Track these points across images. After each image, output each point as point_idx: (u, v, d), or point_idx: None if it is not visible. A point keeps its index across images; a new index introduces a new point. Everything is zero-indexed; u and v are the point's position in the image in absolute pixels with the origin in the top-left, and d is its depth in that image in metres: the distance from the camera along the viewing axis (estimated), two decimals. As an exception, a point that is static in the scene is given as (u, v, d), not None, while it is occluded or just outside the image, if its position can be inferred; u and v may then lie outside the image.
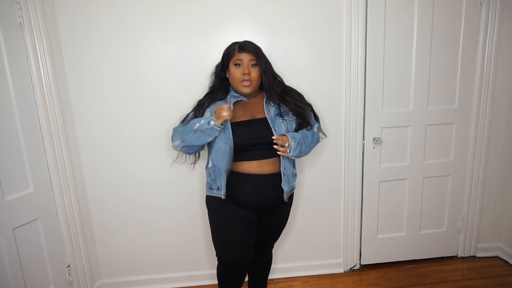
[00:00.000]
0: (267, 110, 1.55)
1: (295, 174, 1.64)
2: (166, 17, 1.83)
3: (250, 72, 1.50)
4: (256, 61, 1.51)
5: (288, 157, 1.52)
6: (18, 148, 1.63)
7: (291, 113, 1.58)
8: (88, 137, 1.94)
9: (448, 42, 2.02)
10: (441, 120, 2.12)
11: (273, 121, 1.52)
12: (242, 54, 1.50)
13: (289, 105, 1.57)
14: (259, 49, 1.54)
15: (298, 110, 1.58)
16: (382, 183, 2.17)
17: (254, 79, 1.51)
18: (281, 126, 1.53)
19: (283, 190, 1.57)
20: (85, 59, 1.84)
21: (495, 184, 2.25)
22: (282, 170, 1.55)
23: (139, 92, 1.90)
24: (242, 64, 1.50)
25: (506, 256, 2.29)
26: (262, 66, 1.51)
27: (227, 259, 1.61)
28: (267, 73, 1.53)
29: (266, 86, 1.54)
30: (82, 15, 1.79)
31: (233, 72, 1.52)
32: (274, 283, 2.17)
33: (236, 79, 1.51)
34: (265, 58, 1.54)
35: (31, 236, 1.71)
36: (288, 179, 1.57)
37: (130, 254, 2.12)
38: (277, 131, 1.51)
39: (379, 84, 2.02)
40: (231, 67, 1.53)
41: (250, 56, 1.50)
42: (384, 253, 2.29)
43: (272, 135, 1.49)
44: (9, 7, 1.58)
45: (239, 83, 1.51)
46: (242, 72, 1.49)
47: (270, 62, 1.58)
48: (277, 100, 1.56)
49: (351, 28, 1.93)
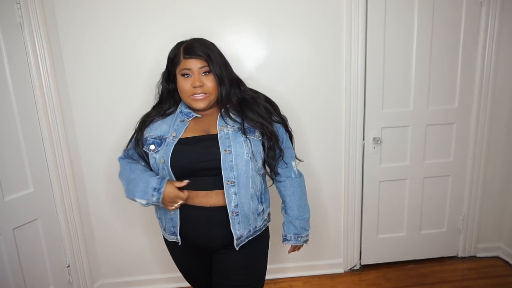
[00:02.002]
0: (220, 125, 1.19)
1: (262, 211, 1.26)
2: (165, 15, 1.83)
3: (203, 84, 1.16)
4: (209, 67, 1.17)
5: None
6: (18, 148, 1.63)
7: (258, 131, 1.21)
8: (88, 137, 1.93)
9: (448, 42, 2.02)
10: (441, 120, 2.12)
11: (230, 138, 1.16)
12: (189, 60, 1.17)
13: (248, 122, 1.20)
14: (211, 49, 1.20)
15: (262, 130, 1.20)
16: (382, 183, 2.17)
17: (210, 89, 1.18)
18: (242, 147, 1.15)
19: (231, 234, 1.18)
20: (85, 58, 1.84)
21: (495, 184, 2.24)
22: (232, 208, 1.15)
23: (139, 92, 1.90)
24: (191, 73, 1.17)
25: (507, 256, 2.29)
26: (217, 73, 1.17)
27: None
28: (223, 80, 1.19)
29: (223, 97, 1.20)
30: (82, 15, 1.79)
31: (181, 84, 1.18)
32: (274, 283, 2.17)
33: (185, 93, 1.18)
34: (220, 59, 1.20)
35: (31, 236, 1.71)
36: (245, 218, 1.18)
37: (130, 254, 2.12)
38: (232, 153, 1.14)
39: (379, 84, 2.02)
40: (179, 77, 1.20)
41: (200, 62, 1.16)
42: (384, 253, 2.29)
43: (219, 158, 1.13)
44: (9, 7, 1.57)
45: (189, 98, 1.18)
46: (192, 85, 1.16)
47: (229, 61, 1.26)
48: (237, 111, 1.22)
49: (351, 28, 1.92)
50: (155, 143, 1.20)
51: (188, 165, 1.15)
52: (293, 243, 1.37)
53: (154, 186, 1.14)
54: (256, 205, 1.22)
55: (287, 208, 1.36)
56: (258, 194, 1.24)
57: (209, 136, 1.19)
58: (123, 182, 1.29)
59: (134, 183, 1.19)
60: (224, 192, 1.15)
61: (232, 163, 1.14)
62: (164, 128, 1.23)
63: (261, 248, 1.31)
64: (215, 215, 1.18)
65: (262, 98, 1.30)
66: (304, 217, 1.36)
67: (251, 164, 1.17)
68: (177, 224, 1.22)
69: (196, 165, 1.15)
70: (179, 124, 1.22)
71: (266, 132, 1.21)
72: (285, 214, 1.37)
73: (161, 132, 1.22)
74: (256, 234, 1.26)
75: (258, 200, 1.24)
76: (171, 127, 1.22)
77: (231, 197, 1.15)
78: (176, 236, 1.24)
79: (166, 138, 1.20)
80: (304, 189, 1.38)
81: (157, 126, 1.25)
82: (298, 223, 1.34)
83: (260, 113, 1.23)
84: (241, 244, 1.21)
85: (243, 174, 1.15)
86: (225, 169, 1.14)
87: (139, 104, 1.92)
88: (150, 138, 1.23)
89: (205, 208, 1.18)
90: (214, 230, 1.20)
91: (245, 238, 1.22)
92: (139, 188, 1.16)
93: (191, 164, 1.15)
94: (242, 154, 1.14)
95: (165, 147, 1.17)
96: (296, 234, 1.35)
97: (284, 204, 1.37)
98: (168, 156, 1.15)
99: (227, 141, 1.16)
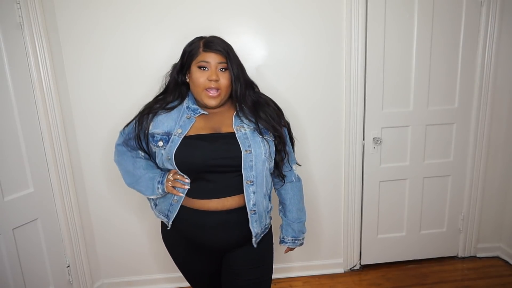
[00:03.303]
0: (236, 124, 1.20)
1: (270, 208, 1.30)
2: (166, 14, 1.83)
3: (219, 78, 1.16)
4: (227, 64, 1.17)
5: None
6: (18, 148, 1.63)
7: (270, 132, 1.23)
8: (88, 137, 1.93)
9: (448, 42, 2.02)
10: (441, 120, 2.12)
11: (248, 138, 1.17)
12: (209, 54, 1.17)
13: (262, 123, 1.22)
14: (230, 48, 1.21)
15: (274, 132, 1.23)
16: (382, 183, 2.17)
17: (224, 87, 1.18)
18: (261, 147, 1.17)
19: (251, 232, 1.22)
20: (85, 59, 1.84)
21: (495, 184, 2.24)
22: (250, 206, 1.18)
23: (140, 91, 1.90)
24: (208, 67, 1.16)
25: (507, 256, 2.29)
26: (234, 71, 1.18)
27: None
28: (239, 79, 1.19)
29: (237, 95, 1.21)
30: (82, 15, 1.79)
31: (196, 77, 1.17)
32: (274, 283, 2.17)
33: (199, 86, 1.17)
34: (237, 60, 1.21)
35: (31, 236, 1.71)
36: (260, 216, 1.22)
37: (130, 254, 2.12)
38: (252, 153, 1.15)
39: (379, 84, 2.02)
40: (194, 69, 1.18)
41: (219, 58, 1.17)
42: (384, 253, 2.29)
43: (241, 156, 1.15)
44: (9, 7, 1.57)
45: (203, 92, 1.17)
46: (208, 78, 1.15)
47: (244, 65, 1.27)
48: (251, 112, 1.23)
49: (351, 28, 1.92)
50: (163, 140, 1.20)
51: (203, 161, 1.14)
52: (290, 245, 1.41)
53: (158, 180, 1.22)
54: (267, 203, 1.26)
55: (287, 211, 1.38)
56: (269, 192, 1.27)
57: (224, 134, 1.19)
58: (124, 172, 1.34)
59: (141, 183, 1.26)
60: (242, 194, 1.18)
61: (252, 163, 1.16)
62: (170, 123, 1.21)
63: (270, 243, 1.36)
64: (231, 217, 1.19)
65: (271, 102, 1.31)
66: (301, 220, 1.39)
67: (267, 164, 1.19)
68: (175, 212, 1.23)
69: (214, 161, 1.14)
70: (185, 121, 1.20)
71: (277, 134, 1.24)
72: (284, 217, 1.39)
73: (168, 128, 1.20)
74: (266, 230, 1.31)
75: (269, 198, 1.27)
76: (177, 123, 1.20)
77: (250, 196, 1.17)
78: (168, 219, 1.26)
79: (172, 134, 1.18)
80: (302, 193, 1.41)
81: (162, 120, 1.22)
82: (296, 226, 1.37)
83: (273, 116, 1.25)
84: (257, 241, 1.25)
85: (260, 173, 1.18)
86: (245, 168, 1.15)
87: (140, 104, 1.92)
88: (158, 134, 1.21)
89: (221, 212, 1.18)
90: (232, 232, 1.21)
91: (260, 234, 1.26)
92: (147, 186, 1.24)
93: (209, 161, 1.14)
94: (260, 154, 1.16)
95: (171, 144, 1.17)
96: (294, 237, 1.39)
97: (283, 207, 1.39)
98: (172, 153, 1.15)
99: (246, 141, 1.17)
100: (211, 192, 1.18)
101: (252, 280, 1.27)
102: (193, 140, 1.16)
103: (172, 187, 1.19)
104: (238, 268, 1.27)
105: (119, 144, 1.37)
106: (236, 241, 1.23)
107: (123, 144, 1.34)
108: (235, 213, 1.19)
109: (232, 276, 1.28)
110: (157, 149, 1.22)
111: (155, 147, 1.23)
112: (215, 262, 1.32)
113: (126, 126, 1.35)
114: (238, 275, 1.27)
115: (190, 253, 1.30)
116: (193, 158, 1.15)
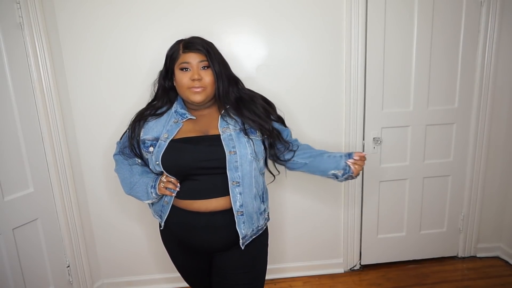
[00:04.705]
0: (222, 126, 1.20)
1: (264, 210, 1.27)
2: (165, 14, 1.83)
3: (201, 77, 1.17)
4: (208, 61, 1.18)
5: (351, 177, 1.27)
6: (18, 148, 1.63)
7: (257, 131, 1.23)
8: (88, 137, 1.93)
9: (448, 42, 2.02)
10: (441, 120, 2.12)
11: (233, 139, 1.17)
12: (188, 54, 1.18)
13: (246, 121, 1.21)
14: (210, 46, 1.22)
15: (261, 130, 1.22)
16: (382, 183, 2.17)
17: (208, 84, 1.18)
18: (246, 148, 1.16)
19: (237, 234, 1.19)
20: (85, 59, 1.84)
21: (495, 184, 2.24)
22: (237, 207, 1.16)
23: (140, 92, 1.89)
24: (189, 67, 1.18)
25: (507, 256, 2.29)
26: (216, 68, 1.19)
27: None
28: (221, 76, 1.20)
29: (220, 94, 1.21)
30: (81, 15, 1.79)
31: (179, 78, 1.19)
32: (274, 283, 2.17)
33: (183, 87, 1.19)
34: (219, 56, 1.22)
35: (31, 236, 1.71)
36: (249, 218, 1.19)
37: (130, 254, 2.12)
38: (237, 154, 1.15)
39: (379, 84, 2.02)
40: (177, 72, 1.20)
41: (199, 57, 1.18)
42: (384, 253, 2.29)
43: (225, 157, 1.14)
44: (8, 7, 1.57)
45: (187, 91, 1.19)
46: (190, 78, 1.17)
47: (227, 61, 1.27)
48: (235, 110, 1.23)
49: (351, 28, 1.92)
50: (153, 145, 1.22)
51: (189, 163, 1.15)
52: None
53: (151, 185, 1.23)
54: (258, 204, 1.23)
55: (316, 155, 1.33)
56: (261, 193, 1.25)
57: (210, 136, 1.19)
58: (121, 181, 1.35)
59: (136, 189, 1.27)
60: (228, 196, 1.17)
61: (237, 164, 1.15)
62: (159, 129, 1.24)
63: (262, 247, 1.32)
64: (215, 219, 1.19)
65: (259, 98, 1.31)
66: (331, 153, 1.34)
67: (255, 164, 1.18)
68: (166, 212, 1.26)
69: (199, 163, 1.15)
70: (172, 125, 1.22)
71: (265, 131, 1.23)
72: (316, 159, 1.33)
73: (157, 134, 1.23)
74: (259, 233, 1.27)
75: (261, 199, 1.25)
76: (164, 128, 1.23)
77: (236, 197, 1.16)
78: (161, 220, 1.29)
79: (159, 139, 1.21)
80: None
81: (152, 126, 1.25)
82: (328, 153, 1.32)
83: (258, 112, 1.24)
84: (246, 243, 1.22)
85: (247, 174, 1.17)
86: (230, 169, 1.15)
87: (140, 104, 1.92)
88: (148, 140, 1.24)
89: (205, 213, 1.18)
90: (217, 234, 1.20)
91: (249, 237, 1.23)
92: (143, 192, 1.26)
93: (195, 163, 1.15)
94: (246, 155, 1.16)
95: (157, 149, 1.19)
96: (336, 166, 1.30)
97: (313, 160, 1.33)
98: (159, 157, 1.17)
99: (231, 142, 1.17)
100: (195, 192, 1.19)
101: (240, 285, 1.25)
102: (179, 144, 1.18)
103: (165, 188, 1.21)
104: (227, 271, 1.26)
105: (116, 154, 1.40)
106: (223, 244, 1.22)
107: (119, 153, 1.37)
108: (220, 215, 1.18)
109: (220, 278, 1.27)
110: (149, 155, 1.24)
111: (147, 153, 1.25)
112: (207, 263, 1.32)
113: (121, 136, 1.39)
114: (226, 278, 1.26)
115: (183, 252, 1.32)
116: (179, 161, 1.16)
